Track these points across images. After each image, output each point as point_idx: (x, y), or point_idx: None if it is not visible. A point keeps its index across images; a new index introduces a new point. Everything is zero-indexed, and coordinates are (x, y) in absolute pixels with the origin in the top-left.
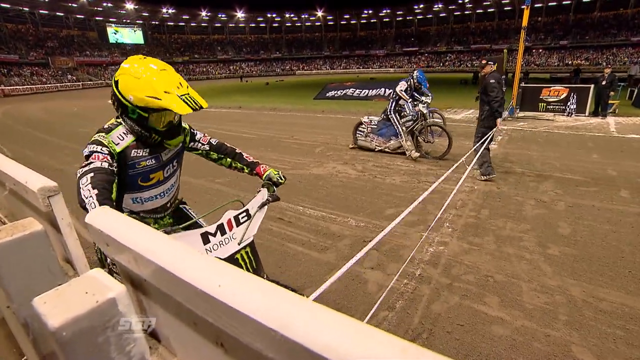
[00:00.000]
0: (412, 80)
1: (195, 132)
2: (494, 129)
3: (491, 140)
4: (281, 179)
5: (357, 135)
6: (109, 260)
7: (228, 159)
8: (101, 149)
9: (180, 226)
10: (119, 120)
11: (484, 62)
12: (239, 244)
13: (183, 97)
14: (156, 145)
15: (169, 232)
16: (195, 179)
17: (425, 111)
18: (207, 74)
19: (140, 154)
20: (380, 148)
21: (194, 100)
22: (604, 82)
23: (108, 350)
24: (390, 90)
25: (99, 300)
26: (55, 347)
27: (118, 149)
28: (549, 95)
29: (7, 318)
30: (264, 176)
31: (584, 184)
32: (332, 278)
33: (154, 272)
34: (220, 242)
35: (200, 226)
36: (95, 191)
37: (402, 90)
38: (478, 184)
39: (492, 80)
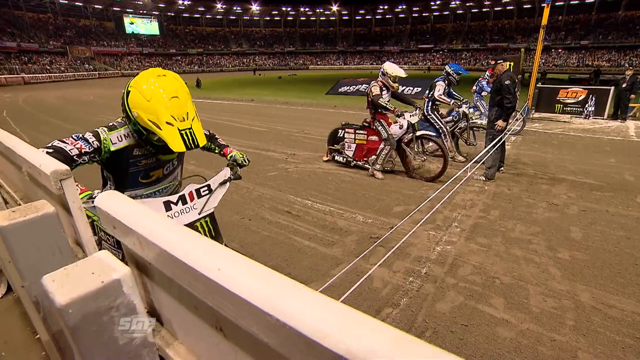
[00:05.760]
0: (449, 77)
1: None
2: (504, 131)
3: (503, 144)
4: (245, 162)
5: None
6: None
7: (209, 143)
8: (91, 141)
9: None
10: (125, 120)
11: (492, 62)
12: (199, 214)
13: (184, 131)
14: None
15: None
16: (208, 170)
17: (467, 111)
18: (221, 66)
19: (141, 154)
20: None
21: (192, 137)
22: (624, 85)
23: (112, 329)
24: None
25: (104, 281)
26: (61, 324)
27: (113, 147)
28: (566, 97)
29: (21, 297)
30: (229, 156)
31: (598, 188)
32: (339, 274)
33: (158, 255)
34: (181, 210)
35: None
36: (45, 152)
37: (440, 95)
38: (489, 184)
39: (507, 82)
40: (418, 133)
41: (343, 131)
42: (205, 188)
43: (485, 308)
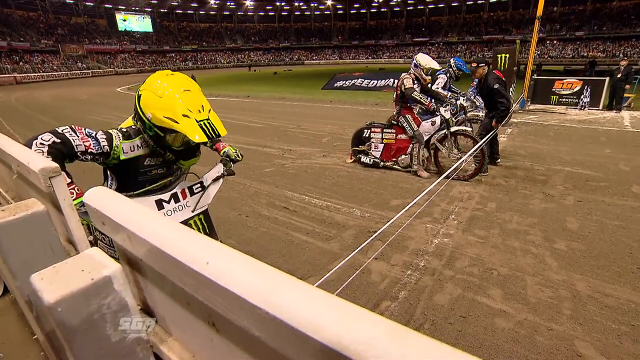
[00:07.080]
0: (450, 70)
1: None
2: (494, 130)
3: (495, 136)
4: (238, 157)
5: None
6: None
7: None
8: (102, 144)
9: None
10: (139, 126)
11: (474, 65)
12: (192, 212)
13: (201, 122)
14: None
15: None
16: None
17: (466, 104)
18: (216, 63)
19: (153, 163)
20: None
21: (212, 127)
22: (619, 75)
23: (104, 327)
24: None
25: (94, 278)
26: (52, 323)
27: (124, 157)
28: (561, 88)
29: (17, 297)
30: (222, 152)
31: (594, 178)
32: (335, 268)
33: (148, 251)
34: (174, 209)
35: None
36: (51, 141)
37: (438, 88)
38: (485, 176)
39: (496, 86)
40: (453, 129)
41: (369, 131)
42: (198, 185)
43: (483, 299)
